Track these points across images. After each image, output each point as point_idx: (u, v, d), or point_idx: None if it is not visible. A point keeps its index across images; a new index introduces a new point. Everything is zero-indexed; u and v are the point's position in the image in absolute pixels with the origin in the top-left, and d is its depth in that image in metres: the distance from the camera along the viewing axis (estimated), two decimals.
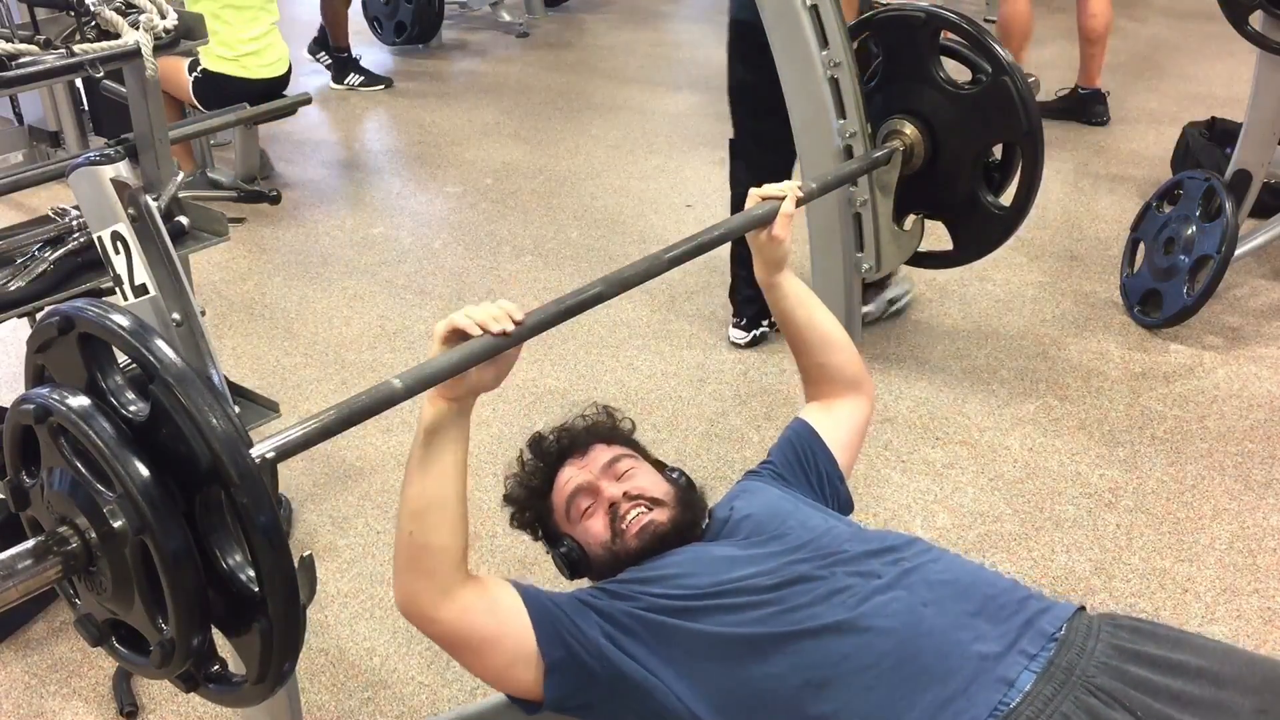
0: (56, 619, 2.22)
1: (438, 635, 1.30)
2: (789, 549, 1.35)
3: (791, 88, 1.77)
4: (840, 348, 1.67)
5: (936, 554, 1.35)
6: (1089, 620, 1.23)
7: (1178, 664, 1.15)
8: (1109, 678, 1.14)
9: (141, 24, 1.91)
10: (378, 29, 6.19)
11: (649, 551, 1.41)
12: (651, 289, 3.29)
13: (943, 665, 1.17)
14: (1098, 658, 1.16)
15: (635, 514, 1.45)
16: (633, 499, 1.46)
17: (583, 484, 1.50)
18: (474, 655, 1.31)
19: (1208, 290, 2.96)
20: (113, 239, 1.09)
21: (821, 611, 1.24)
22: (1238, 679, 1.14)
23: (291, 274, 3.69)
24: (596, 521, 1.46)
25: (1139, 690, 1.12)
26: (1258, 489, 2.45)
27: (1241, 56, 3.88)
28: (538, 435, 1.60)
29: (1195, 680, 1.13)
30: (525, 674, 1.29)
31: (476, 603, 1.29)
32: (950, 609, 1.24)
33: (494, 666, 1.30)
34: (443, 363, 1.19)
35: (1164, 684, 1.13)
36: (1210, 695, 1.12)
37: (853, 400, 1.69)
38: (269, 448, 0.99)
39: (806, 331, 1.66)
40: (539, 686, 1.29)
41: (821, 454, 1.61)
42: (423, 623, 1.29)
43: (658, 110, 5.18)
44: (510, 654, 1.29)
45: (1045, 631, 1.21)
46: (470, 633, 1.29)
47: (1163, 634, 1.21)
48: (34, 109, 4.13)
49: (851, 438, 1.67)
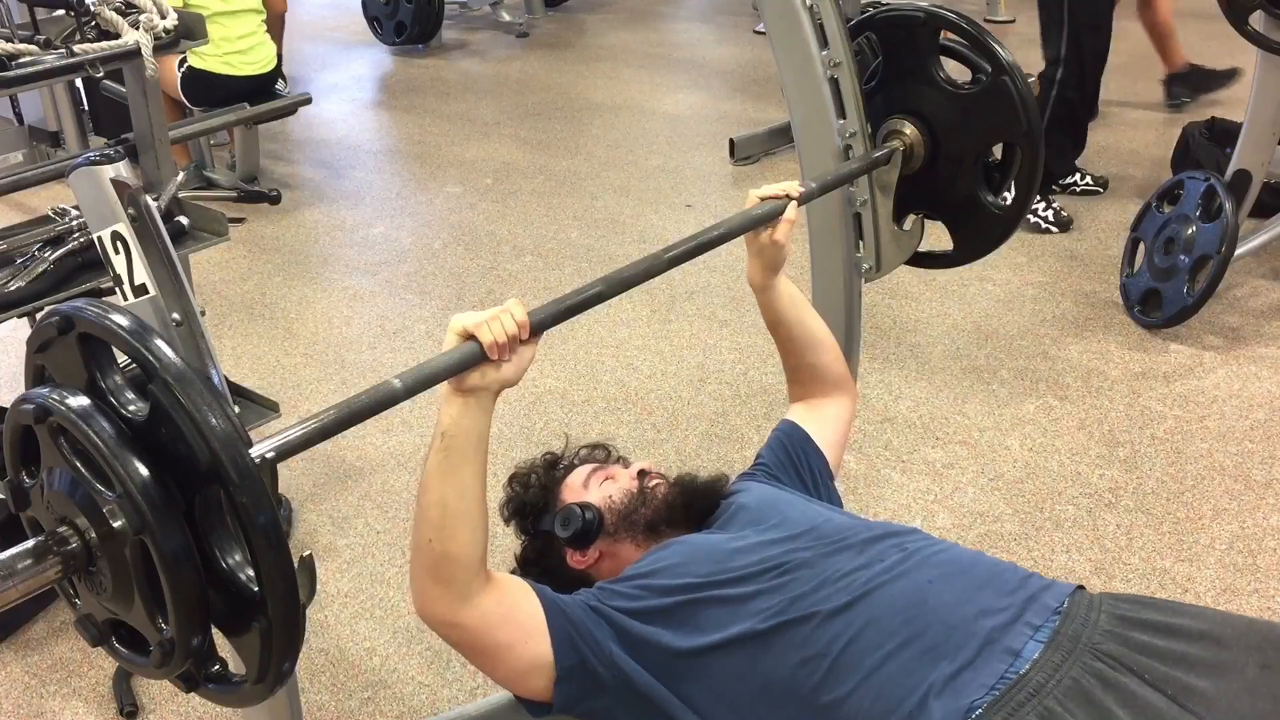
0: (56, 619, 2.22)
1: (455, 640, 1.30)
2: (789, 537, 1.35)
3: (791, 88, 1.76)
4: (828, 348, 1.70)
5: (937, 540, 1.36)
6: (1089, 596, 1.26)
7: (1179, 628, 1.17)
8: (1115, 644, 1.16)
9: (141, 24, 1.91)
10: (378, 29, 6.19)
11: (672, 508, 1.44)
12: (651, 289, 3.29)
13: (950, 639, 1.19)
14: (1102, 626, 1.19)
15: (659, 481, 1.50)
16: (655, 474, 1.53)
17: (601, 467, 1.57)
18: (490, 660, 1.30)
19: (1208, 290, 2.96)
20: (113, 239, 1.09)
21: (826, 596, 1.25)
22: (1239, 639, 1.16)
23: (291, 274, 3.69)
24: (622, 482, 1.50)
25: (1144, 654, 1.14)
26: (1258, 489, 2.45)
27: (1241, 56, 3.89)
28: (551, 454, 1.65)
29: (1198, 642, 1.15)
30: (538, 679, 1.29)
31: (495, 608, 1.28)
32: (954, 584, 1.25)
33: (509, 672, 1.30)
34: (443, 363, 1.19)
35: (1168, 647, 1.15)
36: (1213, 655, 1.14)
37: (837, 400, 1.71)
38: (269, 448, 0.99)
39: (798, 331, 1.68)
40: (549, 692, 1.29)
41: (813, 453, 1.63)
42: (441, 628, 1.28)
43: (658, 110, 5.18)
44: (526, 661, 1.28)
45: (1049, 605, 1.23)
46: (488, 639, 1.28)
47: (1161, 603, 1.24)
48: (34, 109, 4.13)
49: (839, 437, 1.69)
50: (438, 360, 1.19)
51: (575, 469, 1.58)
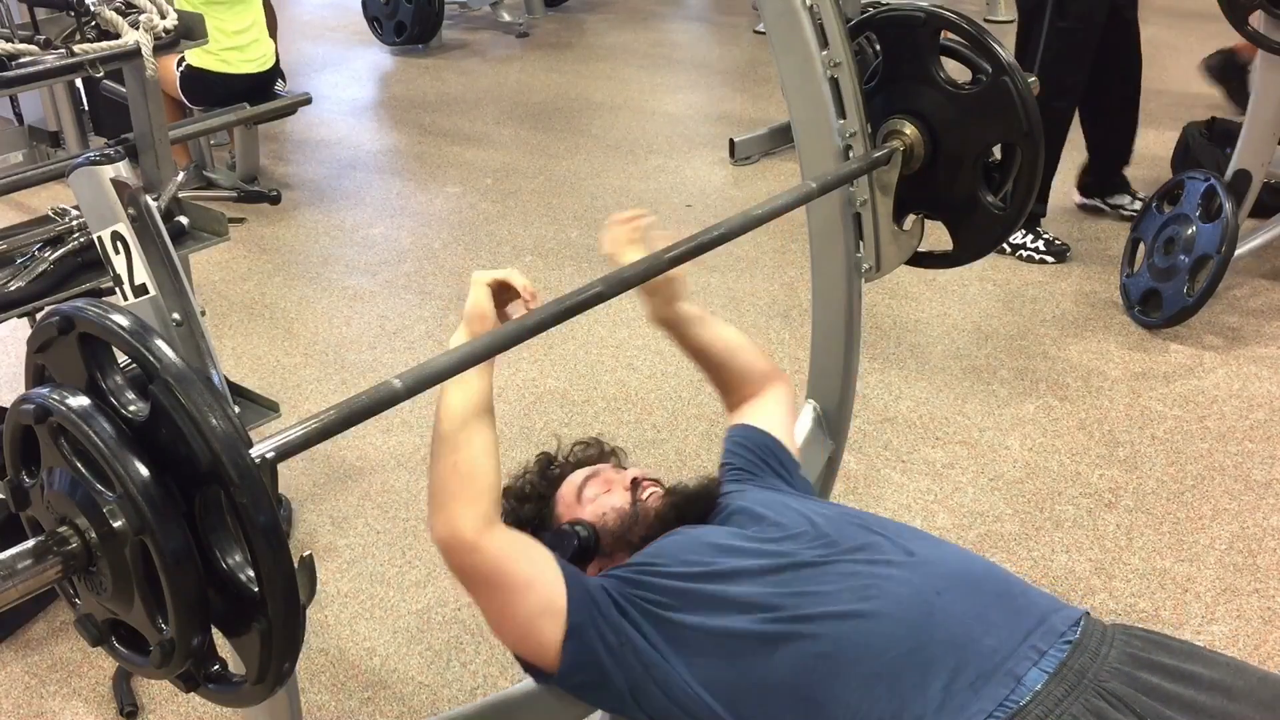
0: (56, 619, 2.22)
1: (476, 566, 1.28)
2: (788, 535, 1.34)
3: (791, 88, 1.76)
4: (745, 346, 1.69)
5: (944, 545, 1.35)
6: (1104, 627, 1.23)
7: (1190, 674, 1.14)
8: (1120, 683, 1.13)
9: (141, 24, 1.90)
10: (378, 29, 6.19)
11: (665, 522, 1.42)
12: None
13: (953, 656, 1.17)
14: (1110, 663, 1.16)
15: (652, 491, 1.49)
16: (649, 480, 1.51)
17: (594, 475, 1.53)
18: (506, 595, 1.29)
19: (1208, 290, 2.96)
20: (113, 239, 1.08)
21: (828, 597, 1.24)
22: (1249, 693, 1.13)
23: (291, 274, 3.69)
24: (615, 495, 1.48)
25: (1150, 697, 1.12)
26: (1258, 489, 2.45)
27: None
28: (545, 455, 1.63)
29: (1207, 691, 1.12)
30: (549, 628, 1.27)
31: (515, 541, 1.30)
32: (962, 599, 1.23)
33: (523, 612, 1.29)
34: (443, 362, 1.19)
35: (1175, 692, 1.12)
36: (1221, 706, 1.11)
37: (774, 389, 1.69)
38: (269, 448, 0.98)
39: (719, 346, 1.67)
40: (558, 647, 1.28)
41: (776, 447, 1.61)
42: (463, 552, 1.27)
43: (658, 110, 5.18)
44: (541, 602, 1.28)
45: (1056, 629, 1.20)
46: (508, 569, 1.28)
47: (1176, 646, 1.21)
48: (34, 109, 4.12)
49: (789, 423, 1.67)
50: (438, 360, 1.19)
51: (568, 476, 1.56)
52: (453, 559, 1.29)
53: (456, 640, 2.15)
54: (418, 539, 2.42)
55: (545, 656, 1.30)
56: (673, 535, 1.40)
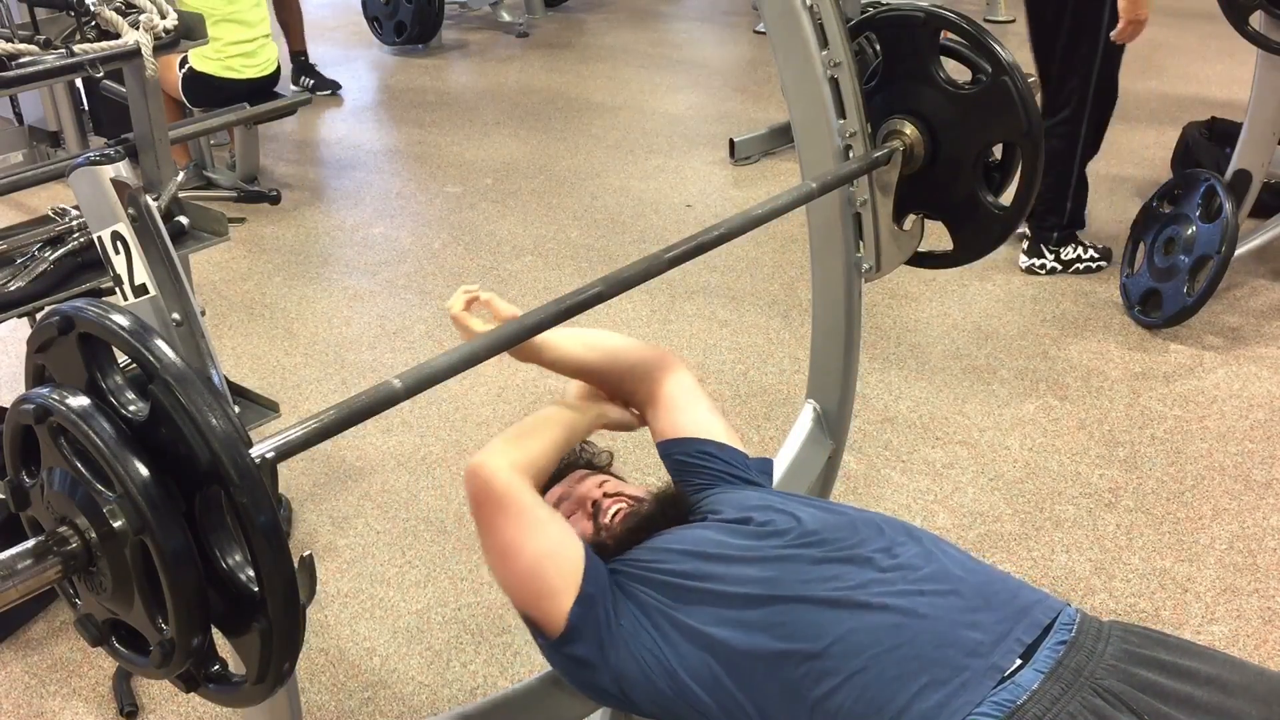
0: (56, 619, 2.22)
1: (506, 501, 1.32)
2: (774, 533, 1.34)
3: (791, 88, 1.76)
4: (628, 348, 1.64)
5: (931, 539, 1.35)
6: (1099, 624, 1.23)
7: (1187, 670, 1.14)
8: (1117, 680, 1.13)
9: (141, 24, 1.90)
10: (378, 29, 6.19)
11: (635, 533, 1.42)
12: (651, 289, 3.30)
13: (938, 653, 1.17)
14: (1107, 660, 1.16)
15: (616, 508, 1.47)
16: (611, 496, 1.49)
17: (563, 494, 1.52)
18: (530, 533, 1.32)
19: (1208, 290, 2.96)
20: (113, 239, 1.08)
21: (815, 592, 1.24)
22: (1247, 688, 1.13)
23: (291, 274, 3.69)
24: (578, 523, 1.47)
25: (1146, 693, 1.12)
26: (1258, 489, 2.45)
27: (1241, 56, 3.88)
28: None
29: (1204, 686, 1.12)
30: (562, 585, 1.30)
31: (544, 503, 1.36)
32: (947, 596, 1.23)
33: (541, 550, 1.32)
34: (443, 362, 1.19)
35: (1172, 688, 1.12)
36: (1218, 702, 1.11)
37: (671, 377, 1.62)
38: (269, 448, 0.98)
39: (593, 356, 1.62)
40: (566, 608, 1.29)
41: (711, 449, 1.56)
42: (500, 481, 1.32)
43: (658, 110, 5.18)
44: (556, 546, 1.32)
45: (1039, 621, 1.21)
46: (536, 513, 1.33)
47: (1173, 642, 1.20)
48: (34, 109, 4.13)
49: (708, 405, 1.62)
50: (438, 360, 1.19)
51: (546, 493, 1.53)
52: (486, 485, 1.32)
53: (456, 640, 2.15)
54: (418, 539, 2.42)
55: (554, 614, 1.30)
56: (661, 535, 1.40)
